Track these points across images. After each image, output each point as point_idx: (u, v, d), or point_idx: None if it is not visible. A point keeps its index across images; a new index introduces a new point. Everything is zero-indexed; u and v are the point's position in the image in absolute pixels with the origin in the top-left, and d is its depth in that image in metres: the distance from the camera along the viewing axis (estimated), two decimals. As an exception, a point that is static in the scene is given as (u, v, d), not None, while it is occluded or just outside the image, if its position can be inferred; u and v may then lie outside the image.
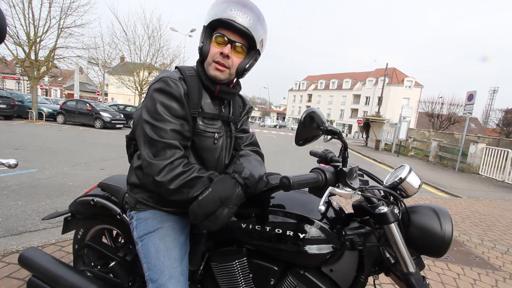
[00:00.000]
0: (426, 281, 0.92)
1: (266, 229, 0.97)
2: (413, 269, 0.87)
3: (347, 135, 46.88)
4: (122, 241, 1.55)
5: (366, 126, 21.27)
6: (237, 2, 0.94)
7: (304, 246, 0.92)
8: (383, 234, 0.91)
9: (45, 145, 7.42)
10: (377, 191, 0.96)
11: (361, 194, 0.91)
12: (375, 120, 19.91)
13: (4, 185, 3.84)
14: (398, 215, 0.89)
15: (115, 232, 1.56)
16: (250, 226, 0.99)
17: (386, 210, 0.87)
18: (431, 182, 7.56)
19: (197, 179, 0.92)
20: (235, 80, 1.10)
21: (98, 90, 28.20)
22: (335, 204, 1.04)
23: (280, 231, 0.95)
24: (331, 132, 0.88)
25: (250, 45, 1.00)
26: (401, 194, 0.92)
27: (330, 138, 1.07)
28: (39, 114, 14.36)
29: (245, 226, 1.00)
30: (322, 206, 0.77)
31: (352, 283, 1.00)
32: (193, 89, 0.99)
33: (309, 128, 0.86)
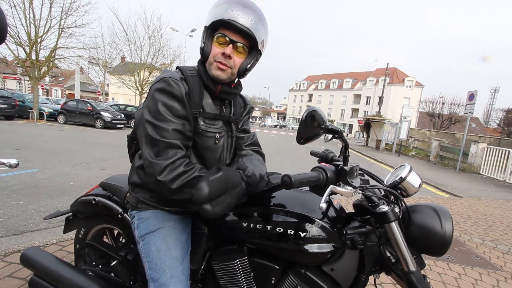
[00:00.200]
0: (427, 279, 0.93)
1: (267, 228, 0.97)
2: (413, 267, 0.88)
3: (347, 135, 46.83)
4: (124, 241, 1.55)
5: (367, 126, 21.23)
6: (239, 3, 0.94)
7: (305, 245, 0.93)
8: (384, 233, 0.92)
9: (46, 145, 7.44)
10: (377, 190, 0.96)
11: (361, 193, 0.91)
12: (376, 120, 19.87)
13: (5, 185, 3.85)
14: (399, 214, 0.89)
15: (116, 232, 1.56)
16: (251, 225, 0.99)
17: (386, 209, 0.87)
18: (432, 182, 7.55)
19: (199, 178, 0.93)
20: (236, 80, 1.10)
21: (99, 90, 28.28)
22: (335, 203, 1.04)
23: (281, 230, 0.95)
24: (332, 131, 0.88)
25: (251, 45, 1.01)
26: (401, 193, 0.92)
27: (331, 138, 1.07)
28: (40, 114, 14.39)
29: (246, 225, 1.00)
30: (323, 204, 0.77)
31: (353, 282, 1.00)
32: (194, 89, 1.00)
33: (310, 126, 0.86)
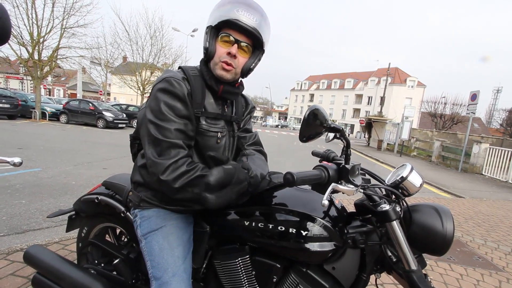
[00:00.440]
0: (428, 278, 0.93)
1: (269, 227, 0.97)
2: (415, 266, 0.88)
3: (349, 135, 46.62)
4: (126, 239, 1.56)
5: (369, 126, 21.17)
6: (243, 3, 0.95)
7: (307, 243, 0.93)
8: (385, 233, 0.92)
9: (48, 144, 7.47)
10: (378, 189, 0.96)
11: (363, 192, 0.91)
12: (377, 120, 19.82)
13: (8, 184, 3.87)
14: (400, 213, 0.89)
15: (118, 230, 1.57)
16: (253, 224, 1.00)
17: (388, 208, 0.88)
18: (434, 183, 7.52)
19: (201, 177, 0.93)
20: (239, 80, 1.11)
21: (101, 89, 28.35)
22: (337, 203, 1.05)
23: (283, 228, 0.96)
24: (334, 129, 0.89)
25: (254, 45, 1.01)
26: (402, 192, 0.93)
27: (333, 137, 1.08)
28: (42, 114, 14.46)
29: (248, 223, 1.01)
30: (325, 201, 0.78)
31: (354, 281, 1.00)
32: (196, 89, 1.00)
33: (313, 125, 0.87)
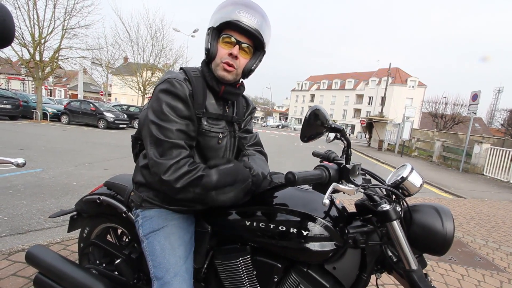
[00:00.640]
0: (428, 278, 0.93)
1: (270, 227, 0.98)
2: (415, 266, 0.88)
3: (350, 135, 46.59)
4: (127, 239, 1.57)
5: (369, 126, 21.15)
6: (244, 4, 0.96)
7: (307, 243, 0.93)
8: (386, 233, 0.92)
9: (50, 145, 7.49)
10: (379, 189, 0.97)
11: (363, 192, 0.92)
12: (378, 120, 19.79)
13: (9, 184, 3.89)
14: (400, 213, 0.90)
15: (120, 231, 1.58)
16: (254, 224, 1.00)
17: (388, 207, 0.88)
18: (435, 183, 7.51)
19: (203, 178, 0.94)
20: (240, 80, 1.11)
21: (102, 90, 28.40)
22: (337, 203, 1.05)
23: (284, 228, 0.96)
24: (335, 129, 0.89)
25: (255, 46, 1.02)
26: (403, 192, 0.93)
27: (333, 138, 1.08)
28: (44, 114, 14.49)
29: (249, 223, 1.01)
30: (326, 200, 0.79)
31: (355, 281, 1.00)
32: (197, 89, 1.01)
33: (314, 125, 0.87)
